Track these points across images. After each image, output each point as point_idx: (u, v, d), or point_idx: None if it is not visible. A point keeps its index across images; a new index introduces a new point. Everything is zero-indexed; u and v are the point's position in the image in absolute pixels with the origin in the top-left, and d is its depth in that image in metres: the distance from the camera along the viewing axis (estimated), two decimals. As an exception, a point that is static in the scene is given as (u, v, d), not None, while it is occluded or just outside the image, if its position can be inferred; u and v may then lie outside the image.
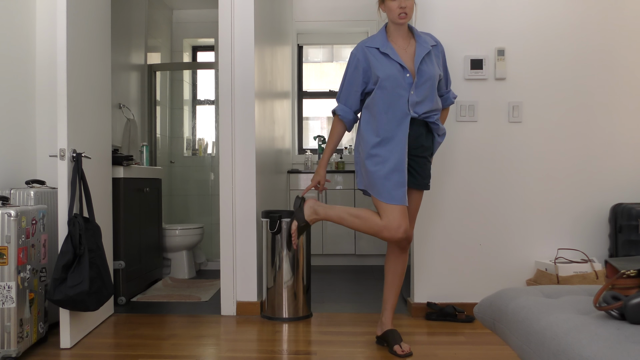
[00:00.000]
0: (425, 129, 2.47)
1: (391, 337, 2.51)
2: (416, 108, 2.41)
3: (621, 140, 3.08)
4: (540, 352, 1.34)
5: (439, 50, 2.53)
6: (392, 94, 2.40)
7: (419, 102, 2.40)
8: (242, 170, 3.22)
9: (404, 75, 2.41)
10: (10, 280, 2.32)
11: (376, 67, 2.43)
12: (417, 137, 2.44)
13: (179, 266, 4.38)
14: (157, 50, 5.07)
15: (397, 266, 2.56)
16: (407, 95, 2.39)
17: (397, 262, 2.56)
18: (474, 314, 1.83)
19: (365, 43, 2.52)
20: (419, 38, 2.50)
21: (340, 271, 4.68)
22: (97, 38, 2.99)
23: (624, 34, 3.08)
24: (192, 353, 2.50)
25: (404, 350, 2.44)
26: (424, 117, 2.43)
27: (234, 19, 3.22)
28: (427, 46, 2.46)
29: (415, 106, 2.40)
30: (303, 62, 5.71)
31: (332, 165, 5.32)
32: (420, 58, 2.42)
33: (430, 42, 2.50)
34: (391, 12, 2.43)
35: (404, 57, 2.45)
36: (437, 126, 2.49)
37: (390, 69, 2.41)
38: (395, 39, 2.49)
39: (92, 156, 2.85)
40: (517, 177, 3.10)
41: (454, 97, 2.63)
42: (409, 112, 2.39)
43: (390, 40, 2.49)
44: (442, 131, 2.54)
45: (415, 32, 2.53)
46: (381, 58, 2.45)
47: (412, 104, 2.39)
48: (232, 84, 3.22)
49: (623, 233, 2.90)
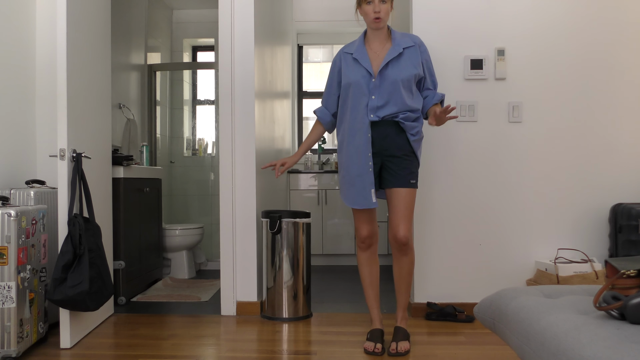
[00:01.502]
0: (395, 129, 2.47)
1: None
2: (378, 112, 2.44)
3: (621, 140, 3.08)
4: (540, 352, 1.34)
5: (417, 51, 2.50)
6: (354, 100, 2.47)
7: (380, 106, 2.44)
8: (242, 170, 3.22)
9: (369, 80, 2.46)
10: (10, 280, 2.32)
11: (345, 72, 2.52)
12: (384, 137, 2.47)
13: (179, 266, 4.38)
14: (157, 50, 5.07)
15: (401, 270, 2.56)
16: (366, 100, 2.45)
17: (400, 266, 2.56)
18: (474, 314, 1.83)
19: (344, 48, 2.60)
20: (394, 41, 2.50)
21: (340, 271, 4.68)
22: (97, 38, 2.99)
23: (624, 33, 3.08)
24: (192, 353, 2.50)
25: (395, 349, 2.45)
26: (390, 118, 2.45)
27: (234, 19, 3.22)
28: (398, 49, 2.46)
29: (376, 110, 2.44)
30: (303, 62, 5.71)
31: (332, 165, 5.33)
32: (385, 62, 2.44)
33: (406, 44, 2.49)
34: (367, 16, 2.46)
35: (375, 62, 2.48)
36: (406, 125, 2.47)
37: (355, 75, 2.47)
38: (372, 43, 2.53)
39: (92, 156, 2.85)
40: (517, 177, 3.10)
41: (442, 96, 2.57)
42: (368, 116, 2.45)
43: (366, 45, 2.53)
44: (414, 130, 2.50)
45: (392, 35, 2.53)
46: (352, 63, 2.51)
47: (371, 109, 2.44)
48: (232, 84, 3.22)
49: (623, 233, 2.90)
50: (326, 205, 4.92)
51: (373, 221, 2.60)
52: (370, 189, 2.46)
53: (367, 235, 2.58)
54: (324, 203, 4.92)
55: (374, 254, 2.64)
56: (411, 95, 2.49)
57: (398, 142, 2.48)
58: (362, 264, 2.64)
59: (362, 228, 2.58)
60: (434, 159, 3.10)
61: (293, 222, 3.07)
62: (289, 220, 3.06)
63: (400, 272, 2.56)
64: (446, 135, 3.10)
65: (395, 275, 2.58)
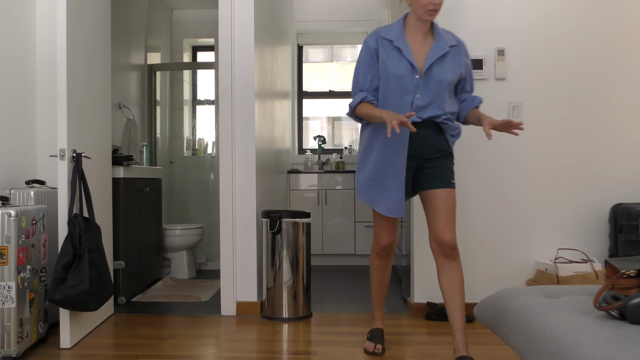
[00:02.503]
0: (435, 129, 2.29)
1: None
2: (420, 113, 2.24)
3: (621, 140, 3.08)
4: (540, 352, 1.34)
5: (460, 51, 2.30)
6: (395, 95, 2.24)
7: (424, 106, 2.24)
8: (242, 170, 3.22)
9: (412, 76, 2.22)
10: (10, 280, 2.32)
11: (384, 60, 2.25)
12: (425, 138, 2.27)
13: (179, 266, 4.38)
14: (157, 50, 5.07)
15: (451, 280, 2.22)
16: (411, 99, 2.23)
17: (449, 275, 2.23)
18: (474, 314, 1.83)
19: (379, 32, 2.32)
20: (437, 36, 2.27)
21: (340, 271, 4.68)
22: (97, 38, 2.99)
23: (624, 33, 3.08)
24: (192, 353, 2.50)
25: None
26: (431, 119, 2.26)
27: (234, 19, 3.22)
28: (444, 46, 2.25)
29: (419, 110, 2.24)
30: (303, 62, 5.71)
31: (332, 165, 5.33)
32: (432, 59, 2.22)
33: (450, 42, 2.28)
34: (420, 6, 2.18)
35: (417, 55, 2.25)
36: (447, 125, 2.29)
37: (398, 67, 2.22)
38: (414, 34, 2.28)
39: (92, 156, 2.85)
40: (517, 177, 3.10)
41: (481, 100, 2.37)
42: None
43: (406, 35, 2.28)
44: (454, 130, 2.32)
45: (435, 30, 2.30)
46: (392, 53, 2.25)
47: (415, 108, 2.23)
48: (232, 84, 3.22)
49: (623, 233, 2.90)
50: (326, 205, 4.92)
51: (395, 229, 2.43)
52: (403, 197, 2.28)
53: (387, 244, 2.43)
54: (324, 203, 4.92)
55: (389, 261, 2.51)
56: (451, 98, 2.31)
57: (437, 142, 2.29)
58: (375, 270, 2.52)
59: (383, 236, 2.41)
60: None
61: (293, 222, 3.07)
62: (289, 220, 3.06)
63: (451, 283, 2.22)
64: (446, 135, 3.10)
65: (445, 288, 2.23)
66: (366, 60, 2.31)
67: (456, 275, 2.22)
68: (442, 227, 2.23)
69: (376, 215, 2.41)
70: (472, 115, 2.32)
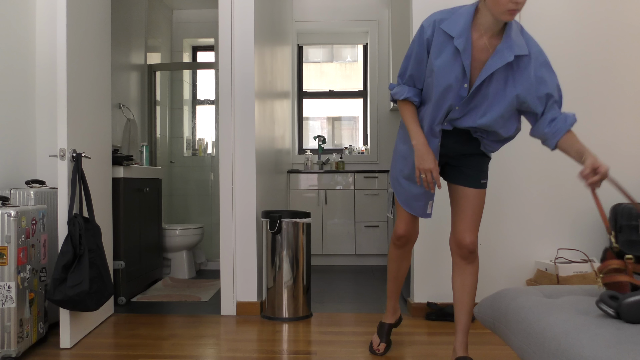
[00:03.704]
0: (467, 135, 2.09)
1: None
2: (454, 122, 2.04)
3: (621, 140, 3.08)
4: (540, 352, 1.34)
5: (528, 64, 1.92)
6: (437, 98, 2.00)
7: (459, 119, 2.03)
8: (242, 170, 3.22)
9: (461, 85, 1.94)
10: (10, 280, 2.32)
11: (435, 62, 1.96)
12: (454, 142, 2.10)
13: (179, 266, 4.38)
14: (157, 50, 5.07)
15: (464, 281, 2.17)
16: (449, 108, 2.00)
17: (463, 276, 2.17)
18: (474, 314, 1.83)
19: (440, 21, 1.97)
20: (506, 39, 1.90)
21: (340, 271, 4.68)
22: (97, 38, 2.99)
23: (624, 34, 3.08)
24: (192, 353, 2.50)
25: None
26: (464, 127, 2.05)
27: (234, 19, 3.22)
28: (508, 55, 1.88)
29: (452, 121, 2.04)
30: (303, 62, 5.71)
31: (332, 165, 5.33)
32: (488, 71, 1.90)
33: (519, 50, 1.90)
34: (499, 5, 1.80)
35: (476, 62, 1.93)
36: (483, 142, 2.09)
37: (449, 74, 1.94)
38: (482, 32, 1.92)
39: (92, 156, 2.85)
40: (517, 177, 3.10)
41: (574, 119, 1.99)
42: (443, 124, 2.06)
43: (473, 31, 1.93)
44: (489, 148, 2.12)
45: (507, 31, 1.91)
46: (447, 52, 1.94)
47: (449, 119, 2.04)
48: (232, 84, 3.22)
49: (623, 233, 2.90)
50: (326, 205, 4.92)
51: (414, 222, 2.30)
52: (429, 200, 2.19)
53: (403, 234, 2.30)
54: (324, 203, 4.92)
55: (407, 252, 2.38)
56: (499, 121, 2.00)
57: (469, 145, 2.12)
58: (392, 259, 2.40)
59: (400, 225, 2.29)
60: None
61: (293, 222, 3.07)
62: (289, 220, 3.06)
63: (462, 285, 2.17)
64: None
65: (457, 288, 2.18)
66: (416, 53, 2.04)
67: (470, 278, 2.16)
68: (464, 229, 2.14)
69: (397, 202, 2.31)
70: (567, 143, 1.94)
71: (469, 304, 2.16)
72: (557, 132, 1.97)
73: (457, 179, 2.16)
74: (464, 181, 2.14)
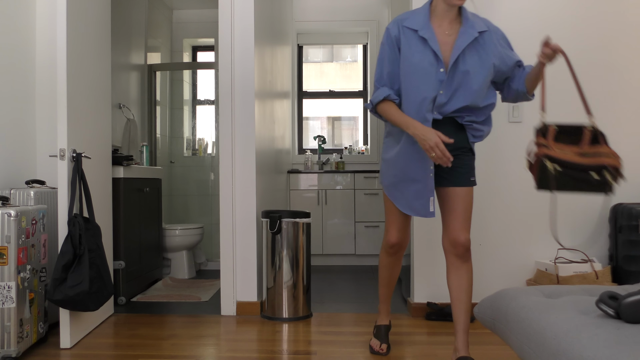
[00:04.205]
0: (454, 127, 2.15)
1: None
2: (442, 109, 2.10)
3: (621, 140, 3.08)
4: (540, 352, 1.34)
5: (491, 39, 2.10)
6: (417, 90, 2.08)
7: (446, 102, 2.09)
8: (242, 170, 3.22)
9: (436, 69, 2.05)
10: (10, 280, 2.32)
11: (406, 53, 2.09)
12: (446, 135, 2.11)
13: (179, 266, 4.38)
14: (157, 50, 5.07)
15: (461, 280, 2.18)
16: (432, 95, 2.07)
17: (459, 275, 2.19)
18: (474, 314, 1.83)
19: (402, 20, 2.14)
20: (465, 22, 2.09)
21: (340, 271, 4.68)
22: (97, 38, 2.99)
23: (624, 34, 3.08)
24: (192, 353, 2.50)
25: None
26: (452, 116, 2.13)
27: (234, 19, 3.22)
28: (472, 32, 2.06)
29: (441, 107, 2.09)
30: (303, 62, 5.71)
31: (332, 165, 5.33)
32: (459, 49, 2.04)
33: (480, 28, 2.09)
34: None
35: (444, 46, 2.07)
36: (472, 127, 2.15)
37: (422, 60, 2.06)
38: (440, 21, 2.10)
39: (92, 156, 2.85)
40: (517, 177, 3.10)
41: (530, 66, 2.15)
42: (433, 112, 2.09)
43: (433, 22, 2.10)
44: (477, 132, 2.19)
45: (464, 15, 2.11)
46: (416, 43, 2.07)
47: (437, 106, 2.08)
48: (232, 84, 3.22)
49: (623, 233, 2.90)
50: (326, 205, 4.92)
51: (407, 228, 2.35)
52: (430, 196, 2.16)
53: (396, 242, 2.33)
54: (324, 203, 4.92)
55: (399, 259, 2.42)
56: (483, 92, 2.11)
57: (457, 140, 2.17)
58: (384, 266, 2.44)
59: (392, 234, 2.32)
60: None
61: (293, 222, 3.07)
62: (289, 220, 3.06)
63: (459, 284, 2.18)
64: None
65: (454, 288, 2.19)
66: (388, 53, 2.16)
67: (466, 277, 2.18)
68: (457, 227, 2.17)
69: (388, 210, 2.33)
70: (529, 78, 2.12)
71: (467, 302, 2.17)
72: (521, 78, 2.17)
73: (446, 181, 2.21)
74: (455, 181, 2.19)
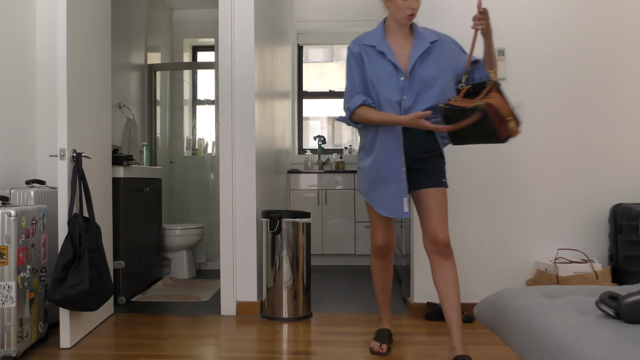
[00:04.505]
0: (424, 130, 2.29)
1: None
2: (409, 112, 2.25)
3: (621, 140, 3.08)
4: (540, 352, 1.34)
5: (442, 46, 2.31)
6: (384, 100, 2.26)
7: (412, 107, 2.26)
8: (242, 170, 3.22)
9: (397, 78, 2.27)
10: (10, 280, 2.32)
11: (370, 68, 2.30)
12: (414, 139, 2.30)
13: (179, 266, 4.38)
14: (157, 50, 5.07)
15: (447, 278, 2.25)
16: (399, 101, 2.25)
17: (444, 273, 2.26)
18: (474, 314, 1.83)
19: (361, 40, 2.37)
20: (417, 35, 2.33)
21: (340, 271, 4.68)
22: (97, 38, 2.99)
23: (624, 34, 3.08)
24: (192, 353, 2.50)
25: None
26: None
27: (234, 19, 3.22)
28: (424, 43, 2.29)
29: (407, 111, 2.26)
30: (303, 62, 5.71)
31: (332, 165, 5.33)
32: (414, 59, 2.26)
33: (430, 38, 2.31)
34: (399, 11, 2.26)
35: (401, 57, 2.30)
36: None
37: (383, 71, 2.27)
38: (394, 36, 2.34)
39: (92, 156, 2.85)
40: (517, 177, 3.10)
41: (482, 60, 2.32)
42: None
43: (388, 38, 2.35)
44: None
45: (415, 29, 2.36)
46: (375, 58, 2.31)
47: (404, 110, 2.25)
48: (232, 84, 3.22)
49: (623, 233, 2.90)
50: (326, 205, 4.92)
51: (391, 230, 2.47)
52: (404, 197, 2.28)
53: (383, 245, 2.45)
54: (324, 203, 4.92)
55: (388, 262, 2.53)
56: (445, 93, 2.28)
57: (426, 143, 2.32)
58: (375, 271, 2.55)
59: (378, 237, 2.44)
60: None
61: (293, 222, 3.07)
62: (289, 220, 3.06)
63: (446, 281, 2.24)
64: (446, 135, 3.10)
65: (441, 286, 2.25)
66: (355, 67, 2.35)
67: (451, 273, 2.25)
68: (435, 226, 2.26)
69: (371, 216, 2.45)
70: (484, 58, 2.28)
71: (456, 299, 2.23)
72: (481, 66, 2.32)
73: (419, 184, 2.32)
74: (427, 183, 2.30)
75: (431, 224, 2.27)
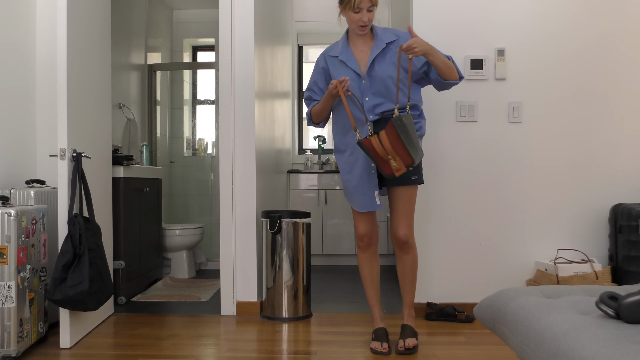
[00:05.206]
0: None
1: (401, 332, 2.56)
2: (375, 110, 2.43)
3: (621, 140, 3.08)
4: (540, 352, 1.34)
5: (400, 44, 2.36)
6: (350, 104, 2.43)
7: (376, 104, 2.42)
8: (242, 170, 3.22)
9: (359, 82, 2.44)
10: (10, 279, 2.32)
11: (335, 77, 2.47)
12: None
13: (179, 266, 4.38)
14: (157, 50, 5.07)
15: (404, 268, 2.58)
16: (362, 102, 2.42)
17: (403, 264, 2.58)
18: (474, 314, 1.83)
19: (327, 52, 2.57)
20: (376, 37, 2.47)
21: (340, 271, 4.68)
22: (97, 38, 2.99)
23: (624, 33, 3.08)
24: (192, 353, 2.50)
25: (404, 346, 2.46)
26: (389, 115, 2.42)
27: (234, 19, 3.22)
28: (381, 45, 2.43)
29: (373, 109, 2.43)
30: (303, 62, 5.71)
31: (331, 165, 5.33)
32: (370, 60, 2.42)
33: (389, 38, 2.45)
34: (352, 23, 2.44)
35: (362, 62, 2.46)
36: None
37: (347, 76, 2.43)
38: (356, 42, 2.51)
39: (92, 156, 2.85)
40: (517, 177, 3.10)
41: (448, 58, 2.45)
42: (369, 115, 2.43)
43: (351, 45, 2.51)
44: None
45: (375, 33, 2.50)
46: (339, 66, 2.49)
47: (368, 110, 2.43)
48: (232, 84, 3.22)
49: (623, 233, 2.90)
50: (326, 205, 4.92)
51: (372, 221, 2.59)
52: (374, 191, 2.47)
53: (364, 233, 2.57)
54: (324, 203, 4.92)
55: (374, 254, 2.64)
56: (415, 88, 2.47)
57: None
58: (362, 264, 2.64)
59: (360, 226, 2.58)
60: (434, 158, 3.10)
61: (293, 222, 3.07)
62: (289, 220, 3.06)
63: (403, 271, 2.58)
64: (446, 135, 3.10)
65: (399, 273, 2.60)
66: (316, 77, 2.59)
67: (409, 264, 2.56)
68: (396, 223, 2.50)
69: (352, 210, 2.60)
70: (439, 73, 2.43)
71: (411, 285, 2.59)
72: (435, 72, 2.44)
73: (389, 181, 2.48)
74: (396, 180, 2.44)
75: (393, 220, 2.51)
